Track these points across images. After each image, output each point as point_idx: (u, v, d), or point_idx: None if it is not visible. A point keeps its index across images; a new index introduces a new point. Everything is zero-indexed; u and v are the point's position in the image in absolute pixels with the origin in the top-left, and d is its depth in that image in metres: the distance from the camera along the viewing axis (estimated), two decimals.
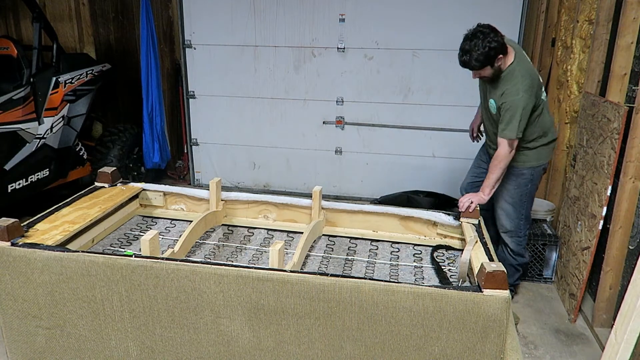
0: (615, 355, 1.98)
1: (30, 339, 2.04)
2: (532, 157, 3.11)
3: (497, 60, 2.76)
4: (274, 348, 1.89)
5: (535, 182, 3.19)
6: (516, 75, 2.81)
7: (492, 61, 2.74)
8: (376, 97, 5.01)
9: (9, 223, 1.98)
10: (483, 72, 2.82)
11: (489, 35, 2.70)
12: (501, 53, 2.75)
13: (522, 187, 3.15)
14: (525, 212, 3.24)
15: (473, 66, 2.77)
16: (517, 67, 2.82)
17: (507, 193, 3.19)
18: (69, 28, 5.77)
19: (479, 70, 2.80)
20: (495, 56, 2.73)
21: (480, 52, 2.69)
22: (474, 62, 2.74)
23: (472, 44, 2.71)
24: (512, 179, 3.14)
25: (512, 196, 3.18)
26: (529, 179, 3.13)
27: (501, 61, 2.79)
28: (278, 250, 2.02)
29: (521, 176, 3.13)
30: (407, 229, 2.68)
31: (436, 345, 1.78)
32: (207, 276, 1.84)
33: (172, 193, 2.84)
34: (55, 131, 4.47)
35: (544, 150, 3.12)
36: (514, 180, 3.14)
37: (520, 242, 3.30)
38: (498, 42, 2.71)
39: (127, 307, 1.92)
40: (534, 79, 2.88)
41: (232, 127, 5.42)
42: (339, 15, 4.85)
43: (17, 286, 1.96)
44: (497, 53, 2.72)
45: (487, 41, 2.69)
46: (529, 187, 3.17)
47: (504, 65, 2.83)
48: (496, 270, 1.74)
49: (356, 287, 1.76)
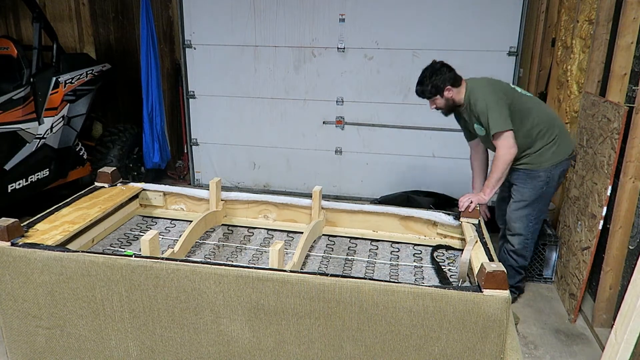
0: (615, 355, 1.97)
1: (30, 339, 2.04)
2: (548, 157, 3.11)
3: (446, 90, 3.05)
4: (274, 348, 1.89)
5: (552, 184, 3.16)
6: (475, 91, 3.04)
7: (440, 92, 3.05)
8: (376, 97, 5.01)
9: (9, 223, 1.98)
10: (437, 102, 3.12)
11: (439, 70, 3.05)
12: (450, 85, 3.04)
13: (537, 189, 3.15)
14: (536, 214, 3.23)
15: (426, 95, 3.10)
16: (473, 87, 3.06)
17: (520, 195, 3.20)
18: (69, 28, 5.77)
19: (433, 100, 3.11)
20: (443, 87, 3.04)
21: (431, 83, 3.05)
22: (427, 93, 3.08)
23: (424, 77, 3.08)
24: (528, 181, 3.16)
25: (525, 198, 3.18)
26: (544, 181, 3.13)
27: (451, 93, 3.06)
28: (278, 250, 2.02)
29: (537, 178, 3.13)
30: (407, 228, 2.68)
31: (436, 345, 1.78)
32: (207, 276, 1.84)
33: (172, 193, 2.84)
34: (55, 131, 4.47)
35: (559, 147, 3.11)
36: (530, 182, 3.15)
37: (527, 243, 3.29)
38: (446, 75, 3.04)
39: (127, 307, 1.92)
40: (494, 84, 3.08)
41: (232, 127, 5.42)
42: (339, 15, 4.85)
43: (17, 286, 1.96)
44: (445, 84, 3.03)
45: (435, 74, 3.04)
46: (544, 189, 3.15)
47: (458, 97, 3.08)
48: (496, 270, 1.74)
49: (356, 287, 1.76)
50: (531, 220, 3.23)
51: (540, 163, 3.11)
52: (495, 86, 3.06)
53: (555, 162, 3.11)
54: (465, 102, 3.09)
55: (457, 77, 3.08)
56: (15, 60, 4.44)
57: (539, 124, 3.08)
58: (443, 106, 3.13)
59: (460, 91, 3.08)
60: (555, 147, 3.11)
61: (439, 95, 3.08)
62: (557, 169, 3.13)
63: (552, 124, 3.13)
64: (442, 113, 3.23)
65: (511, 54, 4.68)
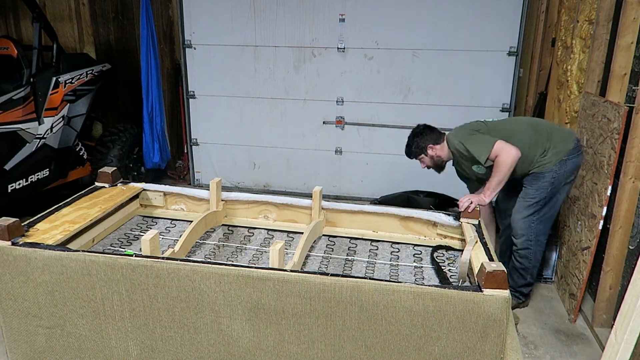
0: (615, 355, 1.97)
1: (30, 339, 2.04)
2: (549, 159, 3.11)
3: (429, 149, 3.34)
4: (274, 347, 1.89)
5: (558, 184, 3.14)
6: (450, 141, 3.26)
7: (424, 150, 3.36)
8: (376, 97, 5.02)
9: (9, 222, 1.97)
10: (425, 161, 3.42)
11: (421, 132, 3.37)
12: (432, 143, 3.33)
13: (541, 190, 3.15)
14: (540, 215, 3.21)
15: (412, 156, 3.44)
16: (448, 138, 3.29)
17: (525, 195, 3.22)
18: (69, 28, 5.78)
19: (420, 159, 3.42)
20: (425, 146, 3.34)
21: (414, 144, 3.38)
22: (413, 154, 3.43)
23: (409, 140, 3.42)
24: (533, 182, 3.18)
25: (529, 199, 3.19)
26: (549, 182, 3.12)
27: (435, 150, 3.34)
28: (278, 250, 2.02)
29: (542, 179, 3.14)
30: (407, 229, 2.68)
31: (436, 345, 1.78)
32: (207, 276, 1.84)
33: (172, 193, 2.84)
34: (55, 131, 4.47)
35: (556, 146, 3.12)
36: (535, 183, 3.17)
37: (529, 244, 3.26)
38: (427, 136, 3.35)
39: (128, 307, 1.92)
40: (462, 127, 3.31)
41: (232, 127, 5.42)
42: (339, 15, 4.85)
43: (17, 285, 1.96)
44: (427, 143, 3.34)
45: (418, 136, 3.37)
46: (549, 190, 3.14)
47: (442, 152, 3.33)
48: (496, 270, 1.74)
49: (356, 287, 1.76)
50: (533, 221, 3.21)
51: (544, 165, 3.12)
52: (464, 127, 3.28)
53: (558, 160, 3.10)
54: (452, 154, 3.29)
55: (438, 135, 3.36)
56: (15, 60, 4.44)
57: (522, 139, 3.12)
58: (431, 163, 3.41)
59: (443, 147, 3.32)
60: (552, 148, 3.12)
61: (423, 154, 3.38)
62: (564, 167, 3.11)
63: (538, 130, 3.17)
64: (436, 171, 3.49)
65: (511, 54, 4.68)
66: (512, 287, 3.29)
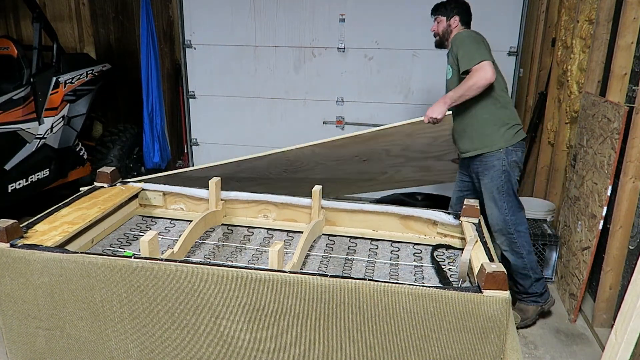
0: (615, 355, 1.97)
1: (30, 340, 2.04)
2: (496, 138, 3.04)
3: (454, 20, 3.22)
4: (273, 349, 1.89)
5: (510, 172, 3.06)
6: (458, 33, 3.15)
7: (450, 15, 3.22)
8: (376, 97, 5.02)
9: (8, 224, 1.97)
10: (439, 23, 3.27)
11: (464, 4, 3.26)
12: (460, 18, 3.22)
13: (496, 180, 3.07)
14: (507, 205, 3.10)
15: (437, 11, 3.28)
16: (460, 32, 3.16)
17: (485, 189, 3.14)
18: (69, 28, 5.77)
19: (438, 18, 3.27)
20: (453, 15, 3.22)
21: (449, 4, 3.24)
22: (439, 8, 3.27)
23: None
24: (485, 173, 3.10)
25: (489, 191, 3.11)
26: (500, 169, 3.04)
27: (455, 23, 3.22)
28: (277, 251, 2.02)
29: (492, 168, 3.06)
30: (407, 228, 2.67)
31: (436, 346, 1.78)
32: (206, 277, 1.84)
33: (171, 193, 2.84)
34: (56, 131, 4.47)
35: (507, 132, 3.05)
36: (487, 173, 3.09)
37: (512, 239, 3.13)
38: (463, 10, 3.24)
39: (127, 309, 1.92)
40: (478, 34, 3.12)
41: (232, 127, 5.42)
42: (339, 15, 4.85)
43: (16, 287, 1.96)
44: (454, 15, 3.21)
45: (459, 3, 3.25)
46: (503, 178, 3.06)
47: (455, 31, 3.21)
48: (496, 271, 1.74)
49: (356, 288, 1.76)
50: (505, 214, 3.11)
51: (490, 145, 3.05)
52: (476, 34, 3.11)
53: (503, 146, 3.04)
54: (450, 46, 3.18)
55: (468, 22, 3.27)
56: (15, 60, 4.44)
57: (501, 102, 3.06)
58: (440, 32, 3.27)
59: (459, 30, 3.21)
60: (505, 132, 3.05)
61: (445, 18, 3.24)
62: (509, 157, 3.04)
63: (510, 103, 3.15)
64: (435, 43, 3.38)
65: (511, 54, 4.67)
66: (523, 292, 3.22)
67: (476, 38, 3.04)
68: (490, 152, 3.06)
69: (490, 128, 3.07)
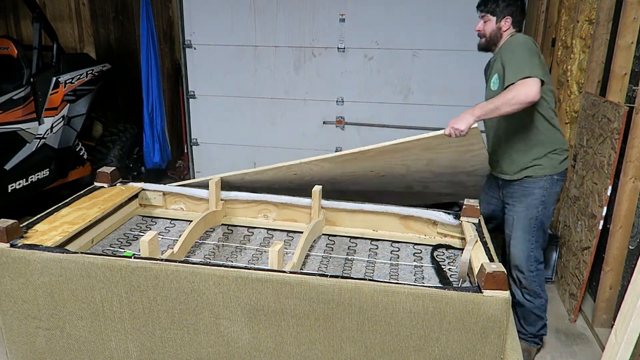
0: (615, 355, 1.97)
1: (30, 340, 2.04)
2: (542, 164, 2.70)
3: (505, 21, 2.69)
4: (273, 349, 1.89)
5: (547, 204, 2.74)
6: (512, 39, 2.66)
7: (501, 16, 2.69)
8: (376, 97, 5.01)
9: (8, 224, 1.98)
10: (486, 23, 2.76)
11: (518, 3, 2.71)
12: (513, 19, 2.69)
13: (532, 210, 2.73)
14: (535, 240, 2.77)
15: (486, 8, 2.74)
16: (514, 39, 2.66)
17: (516, 217, 2.78)
18: (69, 28, 5.77)
19: (485, 17, 2.75)
20: (506, 15, 2.68)
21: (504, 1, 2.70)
22: (490, 4, 2.72)
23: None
24: (522, 199, 2.75)
25: (520, 221, 2.77)
26: (539, 199, 2.71)
27: (506, 25, 2.70)
28: (277, 251, 2.02)
29: (531, 196, 2.72)
30: (407, 228, 2.68)
31: (436, 346, 1.78)
32: (206, 277, 1.84)
33: (171, 193, 2.84)
34: (56, 131, 4.47)
35: (554, 158, 2.71)
36: (523, 200, 2.74)
37: (533, 277, 2.79)
38: (518, 9, 2.69)
39: (127, 309, 1.92)
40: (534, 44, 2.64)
41: (232, 127, 5.41)
42: (339, 15, 4.85)
43: (16, 287, 1.96)
44: (511, 15, 2.68)
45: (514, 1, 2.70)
46: (540, 210, 2.73)
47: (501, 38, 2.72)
48: (496, 271, 1.74)
49: (356, 288, 1.76)
50: (531, 249, 2.78)
51: (535, 172, 2.71)
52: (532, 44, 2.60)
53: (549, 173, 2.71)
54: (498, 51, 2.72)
55: (520, 23, 2.75)
56: (15, 60, 4.44)
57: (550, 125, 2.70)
58: (487, 33, 2.76)
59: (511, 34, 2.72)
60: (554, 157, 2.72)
61: (494, 17, 2.71)
62: (553, 187, 2.73)
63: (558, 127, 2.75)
64: (479, 45, 2.87)
65: None
66: (529, 334, 2.92)
67: (532, 48, 2.54)
68: (533, 178, 2.71)
69: (536, 151, 2.70)
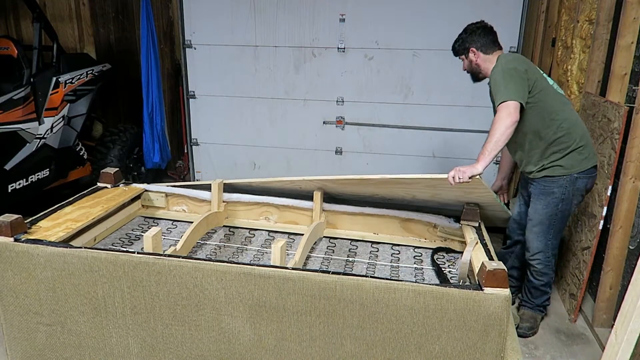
0: (615, 355, 1.98)
1: (30, 336, 2.04)
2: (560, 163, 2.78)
3: (471, 52, 2.91)
4: (275, 345, 1.89)
5: (567, 201, 2.83)
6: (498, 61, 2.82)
7: (466, 52, 2.93)
8: (376, 97, 5.02)
9: (12, 219, 1.99)
10: (464, 62, 3.01)
11: (473, 31, 2.94)
12: (475, 47, 2.91)
13: (551, 207, 2.85)
14: (554, 231, 2.92)
15: (454, 53, 3.03)
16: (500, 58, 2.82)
17: (536, 214, 2.91)
18: (69, 28, 5.77)
19: (461, 58, 3.01)
20: (469, 48, 2.91)
21: (460, 40, 2.96)
22: (454, 50, 3.01)
23: (459, 36, 3.00)
24: (541, 197, 2.87)
25: (540, 216, 2.90)
26: (559, 197, 2.82)
27: (477, 57, 2.91)
28: (280, 247, 2.03)
29: (551, 195, 2.83)
30: (408, 231, 2.68)
31: (437, 344, 1.79)
32: (209, 273, 1.84)
33: (174, 194, 2.85)
34: (56, 131, 4.47)
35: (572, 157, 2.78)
36: (543, 199, 2.87)
37: (548, 261, 2.99)
38: (477, 38, 2.91)
39: (129, 304, 1.93)
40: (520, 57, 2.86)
41: (232, 127, 5.42)
42: (339, 15, 4.85)
43: (19, 282, 1.96)
44: (471, 46, 2.91)
45: (468, 34, 2.93)
46: (560, 207, 2.84)
47: (484, 65, 2.91)
48: (497, 269, 1.75)
49: (357, 285, 1.77)
50: (549, 239, 2.94)
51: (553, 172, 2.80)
52: (520, 60, 2.79)
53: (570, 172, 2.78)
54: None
55: (491, 44, 2.92)
56: (15, 60, 4.44)
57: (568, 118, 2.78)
58: (467, 68, 3.00)
59: (489, 60, 2.89)
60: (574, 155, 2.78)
61: (464, 56, 2.95)
62: (573, 184, 2.81)
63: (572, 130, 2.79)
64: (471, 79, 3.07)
65: None
66: (536, 305, 3.14)
67: (505, 69, 2.69)
68: (552, 178, 2.82)
69: (554, 149, 2.79)
